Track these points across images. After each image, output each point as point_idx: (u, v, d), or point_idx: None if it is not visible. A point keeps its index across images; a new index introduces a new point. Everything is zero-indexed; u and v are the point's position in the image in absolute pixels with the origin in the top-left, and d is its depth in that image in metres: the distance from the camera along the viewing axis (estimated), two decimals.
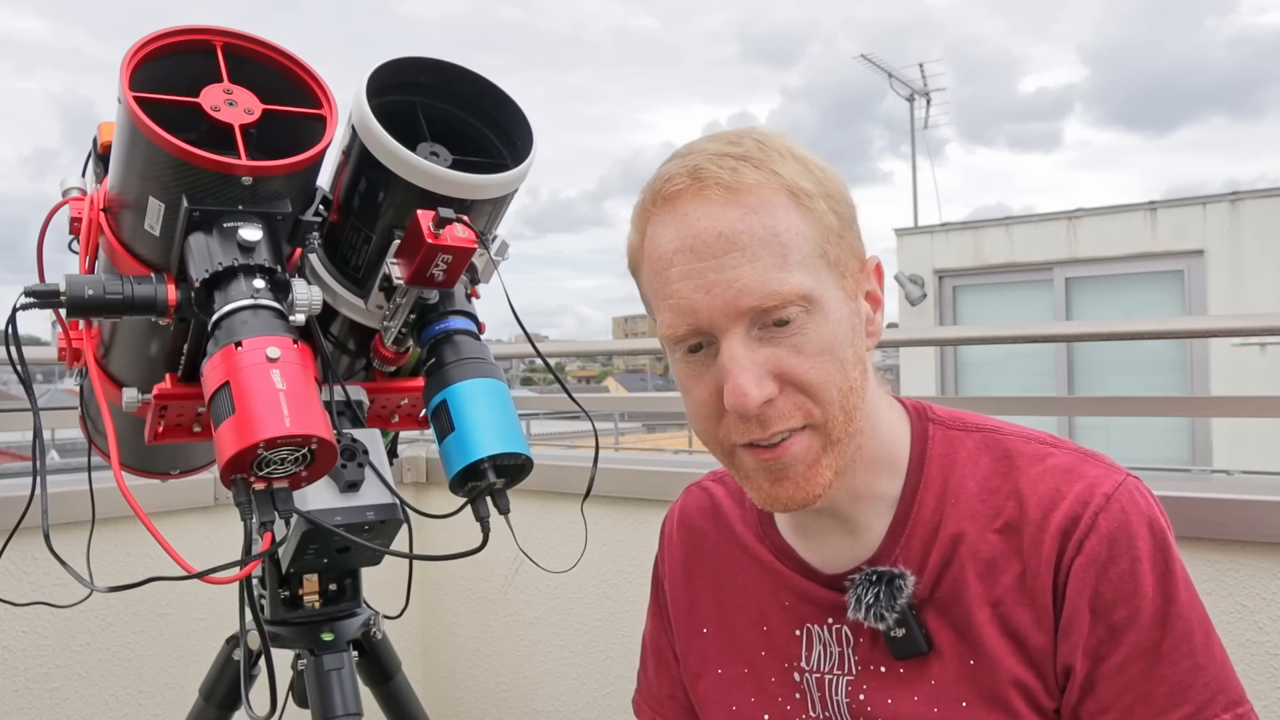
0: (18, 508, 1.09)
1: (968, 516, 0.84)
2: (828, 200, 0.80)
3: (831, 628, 0.88)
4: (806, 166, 0.80)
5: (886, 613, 0.83)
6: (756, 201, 0.77)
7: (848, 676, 0.87)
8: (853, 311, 0.82)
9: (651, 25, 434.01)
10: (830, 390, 0.79)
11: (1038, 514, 0.81)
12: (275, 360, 0.81)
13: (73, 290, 0.87)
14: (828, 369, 0.79)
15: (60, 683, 1.73)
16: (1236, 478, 3.43)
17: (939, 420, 0.89)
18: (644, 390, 43.47)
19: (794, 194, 0.78)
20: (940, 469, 0.86)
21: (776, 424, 0.79)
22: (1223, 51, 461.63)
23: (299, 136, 0.92)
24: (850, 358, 0.80)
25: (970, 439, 0.87)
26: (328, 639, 1.14)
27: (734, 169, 0.78)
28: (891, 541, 0.86)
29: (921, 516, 0.85)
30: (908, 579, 0.83)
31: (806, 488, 0.81)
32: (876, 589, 0.83)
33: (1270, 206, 7.06)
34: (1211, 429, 6.57)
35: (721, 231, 0.77)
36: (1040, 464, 0.83)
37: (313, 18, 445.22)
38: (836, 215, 0.81)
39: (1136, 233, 7.27)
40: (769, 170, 0.79)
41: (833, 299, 0.80)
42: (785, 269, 0.77)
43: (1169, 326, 2.44)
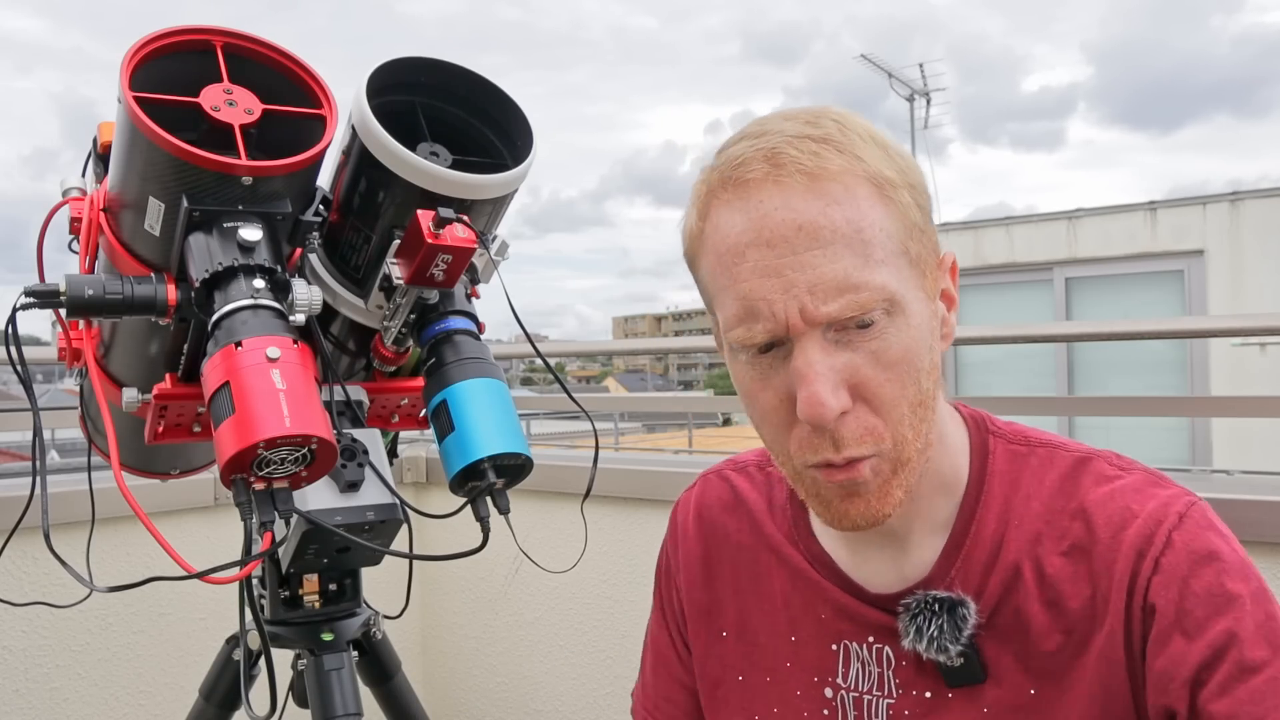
0: (18, 508, 1.09)
1: (1031, 539, 0.77)
2: (911, 191, 0.73)
3: (871, 647, 0.82)
4: (888, 153, 0.73)
5: (951, 645, 0.76)
6: (840, 192, 0.70)
7: (888, 699, 0.81)
8: (932, 313, 0.75)
9: (651, 24, 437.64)
10: (901, 407, 0.72)
11: (1108, 534, 0.74)
12: (275, 360, 0.81)
13: (73, 290, 0.87)
14: (903, 381, 0.72)
15: (60, 683, 1.73)
16: (1236, 478, 3.43)
17: (999, 433, 0.82)
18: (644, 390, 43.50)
19: (878, 184, 0.71)
20: (1002, 487, 0.79)
21: (849, 447, 0.72)
22: (1227, 50, 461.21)
23: (299, 136, 0.92)
24: (926, 366, 0.73)
25: (1034, 455, 0.80)
26: (328, 639, 1.14)
27: (816, 154, 0.70)
28: (946, 563, 0.79)
29: (981, 537, 0.78)
30: (971, 608, 0.76)
31: (879, 506, 0.74)
32: (940, 620, 0.76)
33: (1270, 206, 7.06)
34: (1211, 429, 6.57)
35: (802, 224, 0.69)
36: (1108, 483, 0.77)
37: (311, 17, 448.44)
38: (919, 208, 0.73)
39: (1136, 233, 7.28)
40: (853, 156, 0.71)
41: (915, 300, 0.73)
42: (869, 267, 0.69)
43: (1169, 326, 2.44)
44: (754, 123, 0.76)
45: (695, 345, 2.79)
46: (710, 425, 15.87)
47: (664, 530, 1.04)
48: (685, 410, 9.14)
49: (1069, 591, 0.75)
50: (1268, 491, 1.36)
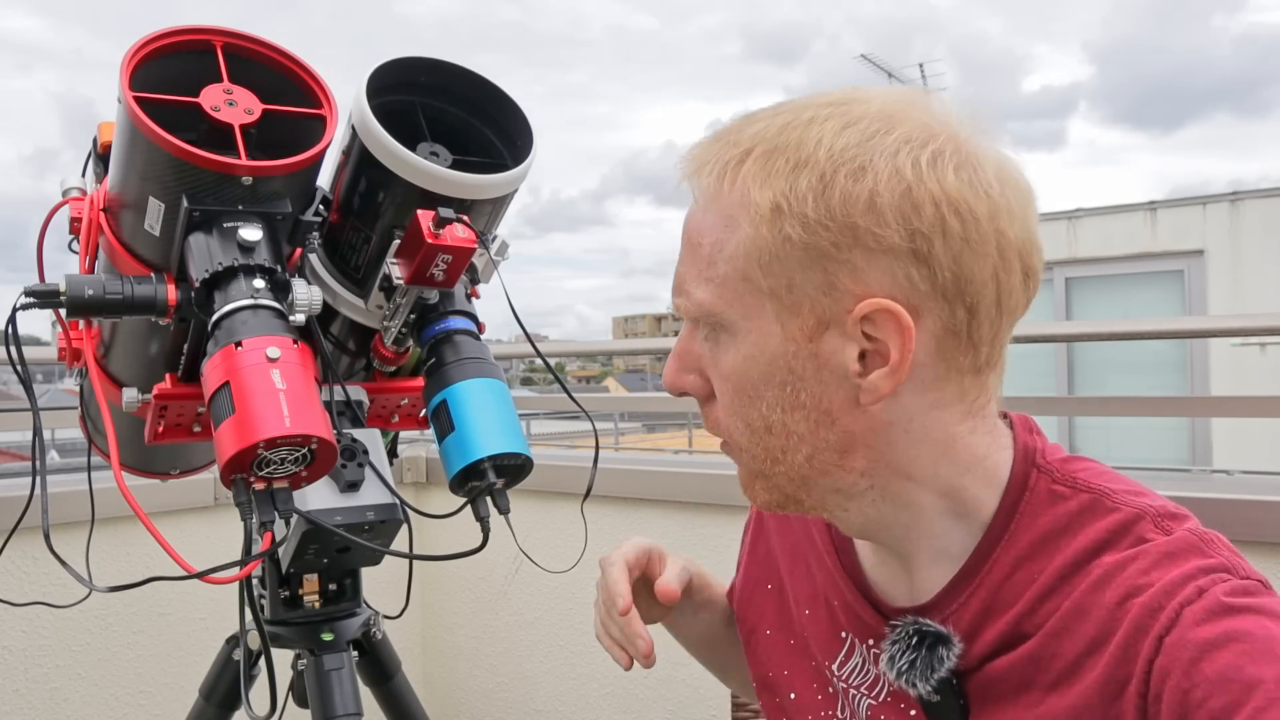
0: (18, 508, 1.09)
1: (1038, 592, 0.69)
2: (786, 221, 0.65)
3: (870, 650, 0.80)
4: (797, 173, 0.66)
5: (920, 682, 0.72)
6: (707, 202, 0.71)
7: (871, 700, 0.80)
8: (794, 354, 0.68)
9: (651, 24, 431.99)
10: (736, 420, 0.72)
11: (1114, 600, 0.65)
12: (275, 360, 0.81)
13: (73, 290, 0.87)
14: (734, 396, 0.72)
15: (60, 683, 1.73)
16: (1236, 478, 3.43)
17: (1046, 469, 0.73)
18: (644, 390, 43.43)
19: (745, 206, 0.67)
20: (1029, 530, 0.72)
21: (707, 423, 0.78)
22: (1229, 50, 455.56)
23: (299, 136, 0.92)
24: (772, 399, 0.70)
25: (1076, 501, 0.71)
26: (328, 639, 1.14)
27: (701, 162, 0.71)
28: (950, 595, 0.74)
29: (991, 577, 0.72)
30: (953, 647, 0.72)
31: (746, 492, 0.78)
32: (913, 655, 0.73)
33: (1270, 206, 7.06)
34: (1211, 429, 6.57)
35: (685, 220, 0.74)
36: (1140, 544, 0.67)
37: (311, 17, 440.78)
38: (789, 239, 0.66)
39: (1136, 233, 7.28)
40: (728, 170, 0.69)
41: (755, 330, 0.69)
42: (698, 281, 0.71)
43: (1169, 326, 2.44)
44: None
45: None
46: None
47: (663, 530, 1.05)
48: (685, 410, 9.13)
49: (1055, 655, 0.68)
50: (1268, 491, 1.36)
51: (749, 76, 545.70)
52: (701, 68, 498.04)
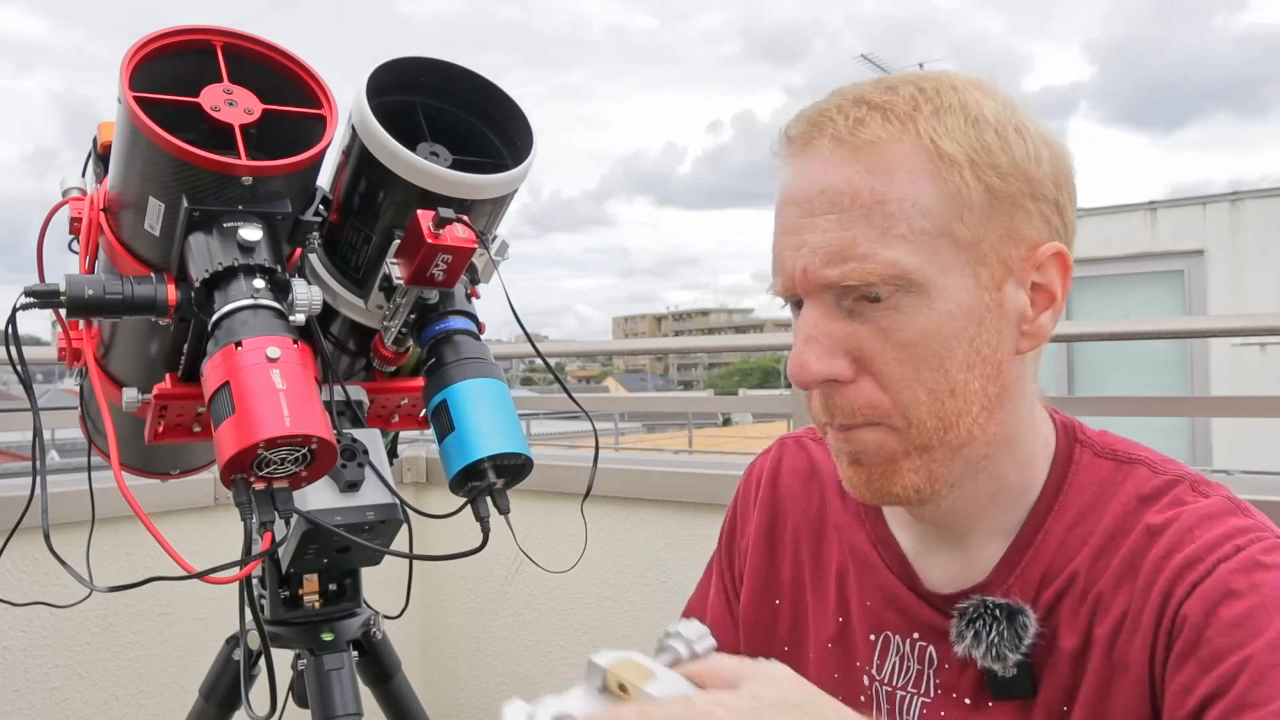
0: (18, 508, 1.09)
1: (1091, 553, 0.73)
2: (980, 172, 0.68)
3: (915, 644, 0.79)
4: (978, 129, 0.69)
5: (1010, 653, 0.72)
6: (874, 161, 0.68)
7: (924, 698, 0.78)
8: (984, 305, 0.69)
9: (651, 24, 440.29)
10: (916, 390, 0.69)
11: (1159, 555, 0.69)
12: (275, 360, 0.81)
13: (73, 290, 0.87)
14: (918, 365, 0.69)
15: (60, 683, 1.73)
16: (1236, 478, 3.43)
17: (1088, 443, 0.78)
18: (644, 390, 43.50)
19: (930, 158, 0.68)
20: (1078, 500, 0.75)
21: (843, 415, 0.71)
22: (1230, 50, 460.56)
23: (299, 136, 0.92)
24: (961, 357, 0.69)
25: (1119, 471, 0.75)
26: (328, 639, 1.14)
27: (859, 120, 0.69)
28: (1006, 569, 0.75)
29: (1045, 546, 0.75)
30: (1031, 617, 0.73)
31: (883, 484, 0.73)
32: (1000, 626, 0.73)
33: (1270, 206, 7.06)
34: (1211, 429, 6.57)
35: (824, 188, 0.69)
36: (1180, 506, 0.71)
37: (311, 17, 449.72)
38: (988, 188, 0.68)
39: (1136, 232, 7.28)
40: (907, 126, 0.69)
41: (950, 285, 0.68)
42: (883, 240, 0.67)
43: (1169, 326, 2.45)
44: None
45: (695, 345, 2.79)
46: (710, 425, 15.87)
47: (663, 530, 1.04)
48: (685, 410, 9.13)
49: (1108, 606, 0.71)
50: (1268, 491, 1.36)
51: (749, 76, 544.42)
52: (701, 67, 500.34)
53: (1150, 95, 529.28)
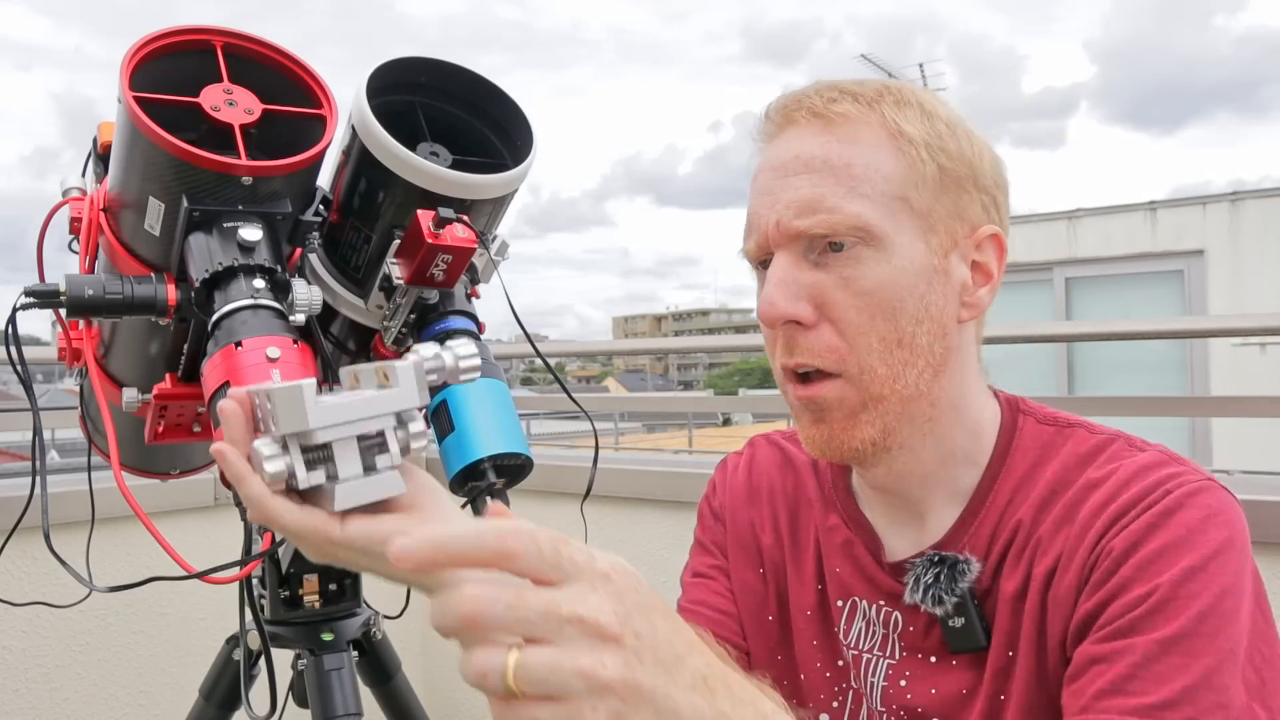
0: (18, 508, 1.09)
1: (1034, 505, 0.80)
2: (933, 152, 0.79)
3: (880, 609, 0.86)
4: (931, 121, 0.80)
5: (946, 595, 0.79)
6: (845, 133, 0.78)
7: (889, 660, 0.84)
8: (933, 268, 0.79)
9: (650, 23, 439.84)
10: (869, 337, 0.77)
11: (1099, 501, 0.76)
12: (275, 360, 0.81)
13: (73, 290, 0.87)
14: (872, 312, 0.77)
15: (60, 683, 1.73)
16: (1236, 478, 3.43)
17: (1030, 412, 0.86)
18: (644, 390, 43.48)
19: (892, 135, 0.78)
20: (1023, 462, 0.82)
21: (802, 354, 0.78)
22: (1230, 49, 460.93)
23: (299, 136, 0.92)
24: (911, 310, 0.77)
25: (1060, 434, 0.83)
26: (328, 639, 1.14)
27: (832, 100, 0.79)
28: (960, 530, 0.83)
29: (994, 506, 0.82)
30: (971, 565, 0.80)
31: (844, 437, 0.79)
32: (937, 570, 0.80)
33: (1270, 206, 7.06)
34: (1211, 429, 6.58)
35: (799, 153, 0.79)
36: (1118, 460, 0.78)
37: (311, 17, 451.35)
38: (940, 169, 0.79)
39: (1136, 232, 7.28)
40: (872, 107, 0.79)
41: (905, 244, 0.77)
42: (849, 197, 0.76)
43: (1169, 326, 2.45)
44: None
45: (695, 345, 2.79)
46: (710, 425, 15.86)
47: (663, 530, 1.04)
48: (685, 410, 9.14)
49: (1047, 550, 0.77)
50: (1268, 491, 1.36)
51: (749, 76, 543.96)
52: (702, 67, 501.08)
53: (1151, 95, 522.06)
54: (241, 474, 0.61)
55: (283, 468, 0.61)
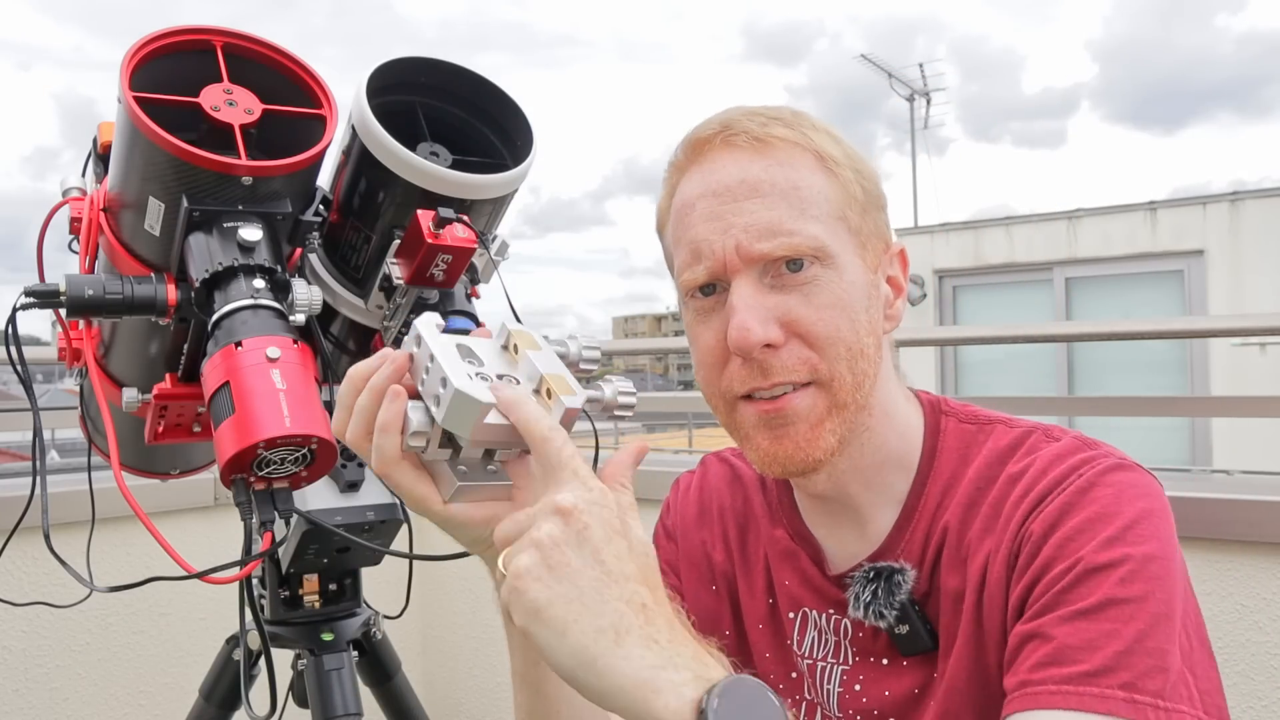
0: (18, 508, 1.09)
1: (960, 506, 0.82)
2: (855, 174, 0.82)
3: (830, 618, 0.87)
4: (838, 142, 0.83)
5: (886, 610, 0.81)
6: (784, 156, 0.80)
7: (843, 666, 0.86)
8: (871, 284, 0.82)
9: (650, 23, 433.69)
10: (838, 346, 0.79)
11: (1020, 492, 0.78)
12: (275, 360, 0.81)
13: (73, 290, 0.87)
14: (838, 323, 0.79)
15: (60, 683, 1.73)
16: (1236, 478, 3.43)
17: (952, 413, 0.88)
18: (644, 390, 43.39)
19: (821, 158, 0.81)
20: (949, 462, 0.85)
21: (778, 374, 0.79)
22: (1232, 49, 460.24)
23: (299, 136, 0.92)
24: (863, 323, 0.80)
25: (981, 431, 0.85)
26: (328, 639, 1.14)
27: (765, 124, 0.81)
28: (896, 536, 0.84)
29: (925, 509, 0.84)
30: (907, 574, 0.82)
31: (807, 449, 0.80)
32: (874, 586, 0.82)
33: (1270, 206, 7.06)
34: (1211, 429, 6.57)
35: (744, 178, 0.80)
36: (1035, 451, 0.81)
37: (310, 17, 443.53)
38: (863, 189, 0.83)
39: (1136, 232, 7.27)
40: (800, 131, 0.82)
41: (850, 263, 0.81)
42: (803, 219, 0.79)
43: (1169, 326, 2.45)
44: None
45: None
46: (710, 425, 15.85)
47: None
48: (685, 410, 9.14)
49: (978, 547, 0.79)
50: (1268, 491, 1.36)
51: (750, 76, 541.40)
52: (703, 66, 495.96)
53: (1152, 94, 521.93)
54: (391, 424, 0.68)
55: (423, 444, 0.68)
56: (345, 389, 0.72)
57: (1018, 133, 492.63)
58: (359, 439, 0.71)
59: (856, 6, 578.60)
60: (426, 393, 0.68)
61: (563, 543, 0.60)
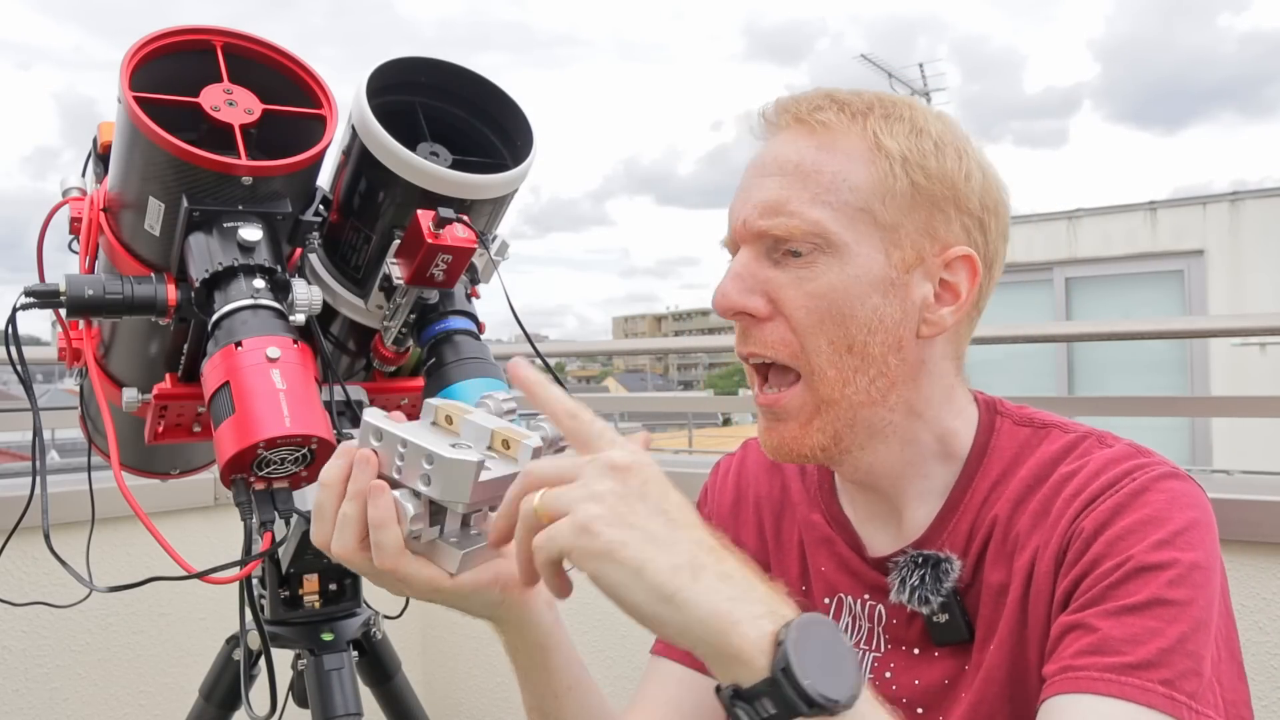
0: (18, 508, 1.09)
1: (1010, 501, 0.82)
2: (909, 168, 0.79)
3: (865, 603, 0.88)
4: (918, 138, 0.80)
5: (932, 596, 0.81)
6: (823, 140, 0.80)
7: (875, 653, 0.86)
8: (890, 280, 0.80)
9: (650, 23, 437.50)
10: (819, 338, 0.79)
11: (1071, 492, 0.78)
12: (275, 360, 0.81)
13: (73, 290, 0.87)
14: (822, 315, 0.79)
15: (60, 683, 1.73)
16: (1236, 478, 3.43)
17: (1008, 414, 0.88)
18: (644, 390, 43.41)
19: (870, 147, 0.80)
20: (1000, 460, 0.85)
21: (755, 345, 0.81)
22: (1234, 48, 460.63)
23: (299, 136, 0.92)
24: (862, 319, 0.79)
25: (1036, 434, 0.85)
26: (328, 639, 1.14)
27: (816, 107, 0.81)
28: (939, 527, 0.84)
29: (972, 503, 0.84)
30: (954, 563, 0.82)
31: (794, 445, 0.82)
32: (922, 571, 0.82)
33: (1270, 206, 7.06)
34: (1211, 429, 6.57)
35: (775, 156, 0.81)
36: (1090, 454, 0.81)
37: (310, 16, 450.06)
38: (914, 185, 0.79)
39: (1136, 232, 7.28)
40: (856, 118, 0.81)
41: (863, 255, 0.79)
42: (811, 203, 0.78)
43: (1169, 326, 2.45)
44: None
45: (695, 345, 2.79)
46: (710, 425, 15.86)
47: None
48: (685, 410, 9.14)
49: (1026, 544, 0.79)
50: (1268, 491, 1.36)
51: (751, 76, 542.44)
52: (704, 66, 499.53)
53: (1154, 94, 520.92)
54: (387, 520, 0.69)
55: (422, 526, 0.69)
56: (325, 498, 0.71)
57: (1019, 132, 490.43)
58: (350, 550, 0.70)
59: (858, 6, 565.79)
60: (407, 479, 0.68)
61: (626, 495, 0.61)
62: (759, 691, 0.58)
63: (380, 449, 0.69)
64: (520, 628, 0.82)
